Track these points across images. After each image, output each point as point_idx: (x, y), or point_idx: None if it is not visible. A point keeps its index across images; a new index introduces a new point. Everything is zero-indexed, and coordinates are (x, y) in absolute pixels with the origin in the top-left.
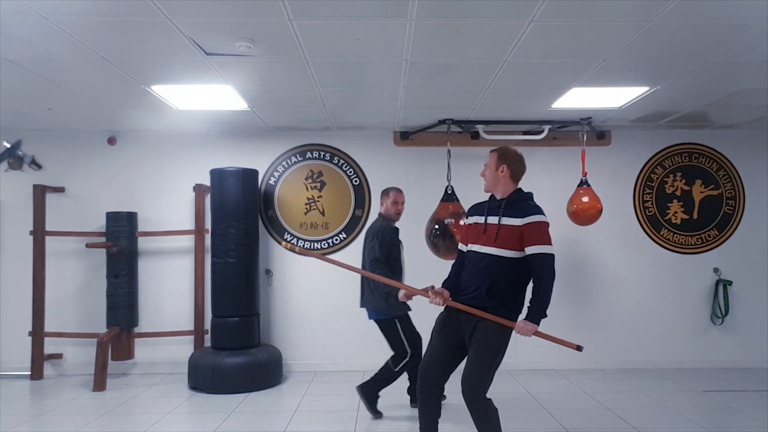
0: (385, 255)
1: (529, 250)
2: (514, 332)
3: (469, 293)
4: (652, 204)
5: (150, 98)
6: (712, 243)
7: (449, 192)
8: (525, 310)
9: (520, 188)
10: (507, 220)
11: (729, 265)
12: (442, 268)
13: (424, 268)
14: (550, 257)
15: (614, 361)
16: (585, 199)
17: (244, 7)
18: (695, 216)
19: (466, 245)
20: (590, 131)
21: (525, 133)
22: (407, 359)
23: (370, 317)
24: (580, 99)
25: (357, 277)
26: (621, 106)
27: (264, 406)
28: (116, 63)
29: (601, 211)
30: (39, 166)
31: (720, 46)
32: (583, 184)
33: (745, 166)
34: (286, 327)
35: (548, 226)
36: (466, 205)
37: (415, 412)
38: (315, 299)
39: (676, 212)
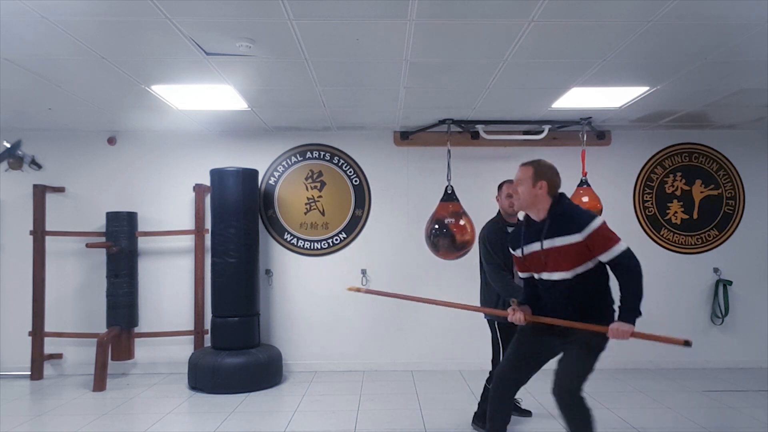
0: (501, 259)
1: (604, 257)
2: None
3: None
4: (652, 204)
5: (150, 98)
6: (712, 243)
7: (449, 192)
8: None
9: (560, 198)
10: (561, 240)
11: (729, 265)
12: (443, 267)
13: (424, 268)
14: (626, 252)
15: (614, 361)
16: (585, 199)
17: (244, 7)
18: (695, 216)
19: (525, 273)
20: (590, 131)
21: (525, 133)
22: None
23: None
24: (580, 99)
25: (358, 279)
26: (621, 106)
27: (264, 406)
28: (116, 63)
29: (601, 211)
30: (39, 166)
31: (720, 46)
32: (583, 184)
33: (745, 166)
34: (286, 327)
35: (606, 223)
36: (465, 205)
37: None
38: (315, 299)
39: (676, 212)
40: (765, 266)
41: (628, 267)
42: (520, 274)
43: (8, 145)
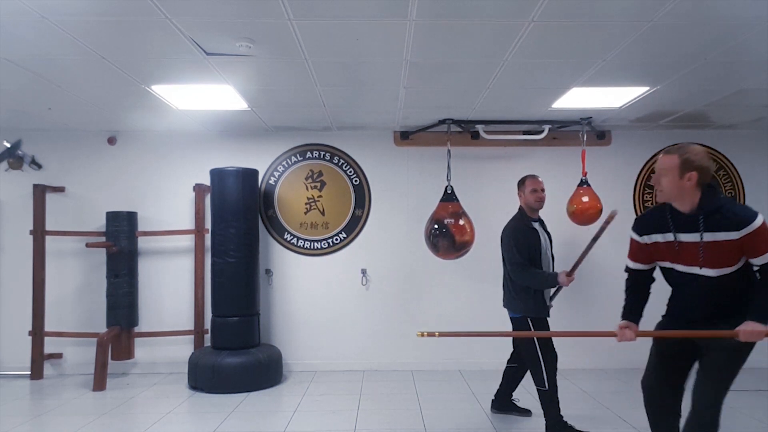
0: (526, 257)
1: (758, 261)
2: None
3: (694, 319)
4: (652, 204)
5: (150, 98)
6: None
7: (449, 192)
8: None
9: (713, 192)
10: (716, 236)
11: None
12: (443, 268)
13: (424, 268)
14: None
15: (614, 361)
16: (585, 198)
17: (244, 7)
18: None
19: (650, 262)
20: (590, 131)
21: (525, 133)
22: (545, 367)
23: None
24: (580, 99)
25: (358, 278)
26: (621, 106)
27: (264, 406)
28: (116, 63)
29: (601, 210)
30: (39, 166)
31: (720, 46)
32: (583, 184)
33: (745, 166)
34: (286, 327)
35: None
36: (465, 205)
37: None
38: (315, 299)
39: None
40: None
41: None
42: (635, 266)
43: (8, 145)
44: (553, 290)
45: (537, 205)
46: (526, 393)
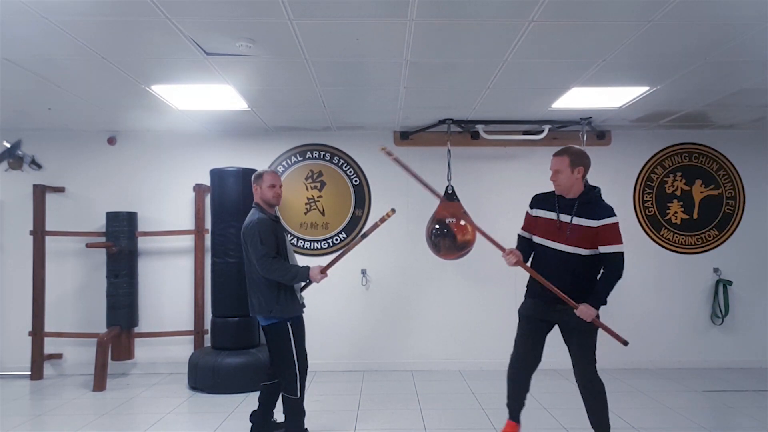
0: (274, 250)
1: (604, 249)
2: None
3: (549, 299)
4: (652, 204)
5: (150, 98)
6: (712, 243)
7: (449, 192)
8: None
9: (590, 186)
10: (581, 221)
11: (729, 265)
12: (443, 267)
13: (424, 268)
14: (622, 255)
15: (614, 361)
16: None
17: (244, 7)
18: (695, 216)
19: (531, 235)
20: (590, 131)
21: (525, 133)
22: (299, 375)
23: (261, 323)
24: (580, 99)
25: (358, 278)
26: (621, 106)
27: None
28: (116, 63)
29: None
30: (39, 166)
31: (720, 46)
32: None
33: (745, 166)
34: None
35: (619, 225)
36: (466, 205)
37: None
38: (315, 299)
39: (676, 212)
40: (765, 266)
41: (618, 267)
42: (523, 233)
43: (8, 145)
44: (302, 284)
45: (275, 201)
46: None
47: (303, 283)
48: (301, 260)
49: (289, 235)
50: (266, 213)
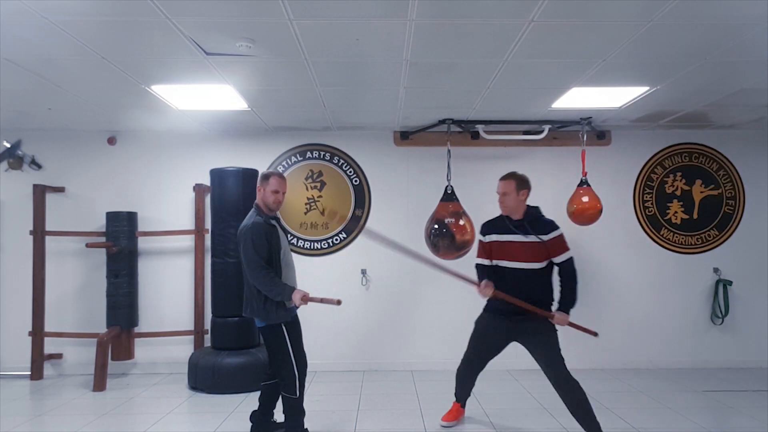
0: (265, 257)
1: (558, 259)
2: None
3: (507, 311)
4: (652, 204)
5: (150, 98)
6: (712, 243)
7: (449, 192)
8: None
9: (530, 207)
10: (533, 238)
11: (729, 265)
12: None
13: (424, 268)
14: (572, 260)
15: (614, 361)
16: (585, 199)
17: (244, 7)
18: (695, 216)
19: (491, 261)
20: (590, 131)
21: (525, 133)
22: (298, 374)
23: (257, 324)
24: (580, 99)
25: (358, 279)
26: (621, 106)
27: None
28: (116, 63)
29: (601, 211)
30: (39, 166)
31: (720, 46)
32: (583, 184)
33: (745, 166)
34: None
35: (563, 234)
36: (466, 205)
37: None
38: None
39: (676, 212)
40: (765, 266)
41: (573, 271)
42: (483, 262)
43: (8, 145)
44: None
45: (274, 207)
46: (526, 393)
47: None
48: (301, 260)
49: (289, 235)
50: (264, 215)
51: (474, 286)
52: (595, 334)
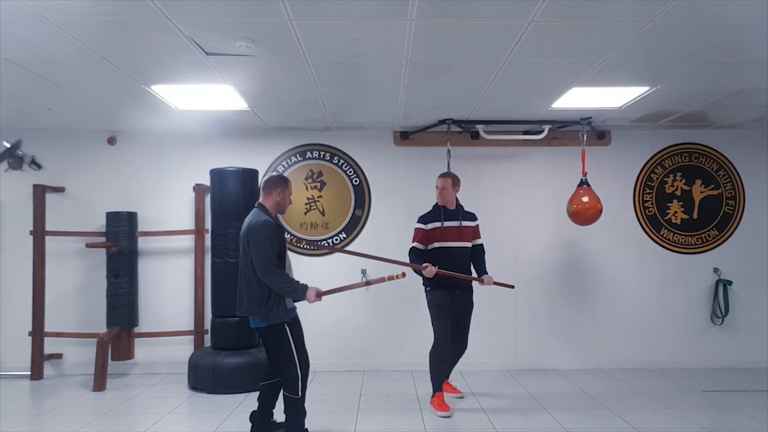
0: (277, 256)
1: (477, 241)
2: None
3: (452, 284)
4: (652, 204)
5: (150, 98)
6: (712, 243)
7: None
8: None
9: (457, 199)
10: (467, 223)
11: (729, 265)
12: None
13: None
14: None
15: (614, 361)
16: (585, 199)
17: (244, 7)
18: (695, 216)
19: (428, 245)
20: (590, 131)
21: (525, 133)
22: (300, 375)
23: (256, 325)
24: (580, 99)
25: (358, 279)
26: (621, 106)
27: None
28: (116, 63)
29: (601, 211)
30: (39, 166)
31: (720, 46)
32: (583, 184)
33: (745, 166)
34: None
35: None
36: (466, 205)
37: None
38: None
39: (676, 212)
40: (765, 266)
41: (483, 250)
42: (419, 246)
43: (8, 145)
44: None
45: (284, 211)
46: (519, 386)
47: None
48: (301, 260)
49: (289, 235)
50: (271, 217)
51: (420, 269)
52: (511, 287)
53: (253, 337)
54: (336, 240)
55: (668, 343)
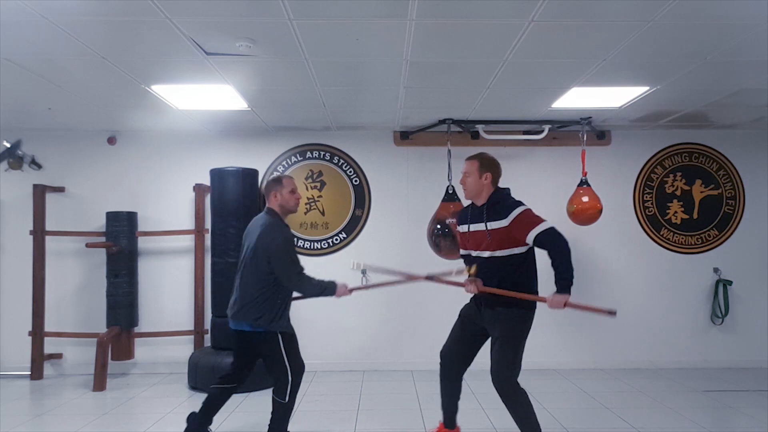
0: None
1: (529, 237)
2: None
3: (480, 300)
4: (652, 204)
5: (150, 98)
6: (712, 243)
7: (450, 192)
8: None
9: (499, 190)
10: (493, 224)
11: (729, 265)
12: (442, 267)
13: (425, 269)
14: (551, 230)
15: (614, 361)
16: (585, 199)
17: (244, 7)
18: (695, 216)
19: (466, 250)
20: (590, 131)
21: (525, 133)
22: (291, 380)
23: (244, 329)
24: (580, 99)
25: (358, 279)
26: (621, 106)
27: (264, 406)
28: (116, 63)
29: (601, 210)
30: (39, 166)
31: (720, 46)
32: (583, 184)
33: (745, 166)
34: None
35: (531, 210)
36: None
37: None
38: (315, 299)
39: (676, 212)
40: (765, 266)
41: (555, 242)
42: (462, 252)
43: (8, 145)
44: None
45: (295, 208)
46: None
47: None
48: (302, 260)
49: None
50: (281, 219)
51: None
52: (612, 313)
53: None
54: (336, 240)
55: (668, 343)
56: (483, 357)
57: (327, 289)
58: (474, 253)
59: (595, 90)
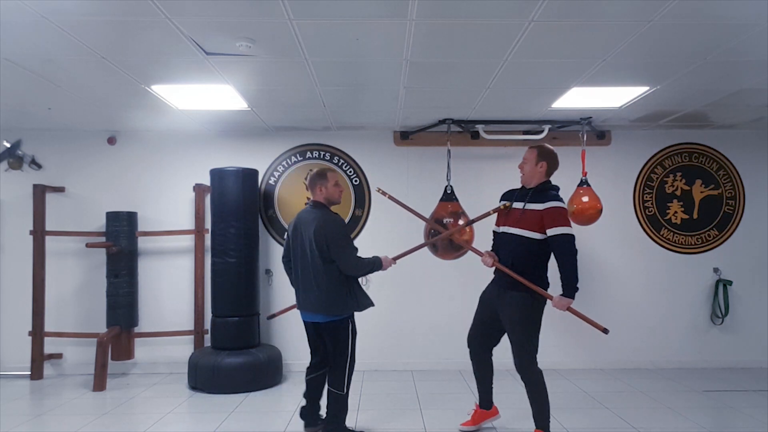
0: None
1: (550, 231)
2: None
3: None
4: (652, 204)
5: (150, 98)
6: (712, 243)
7: (449, 192)
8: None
9: (548, 180)
10: (531, 206)
11: (729, 265)
12: (442, 267)
13: (424, 268)
14: (570, 237)
15: (614, 361)
16: (585, 199)
17: (244, 7)
18: (695, 216)
19: (498, 228)
20: (590, 131)
21: (525, 133)
22: (349, 370)
23: (318, 320)
24: (580, 99)
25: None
26: (621, 106)
27: (264, 406)
28: (116, 63)
29: (601, 211)
30: (39, 166)
31: (720, 46)
32: (583, 184)
33: (745, 166)
34: (286, 327)
35: (567, 211)
36: (465, 205)
37: None
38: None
39: (676, 212)
40: (765, 266)
41: (567, 249)
42: (494, 228)
43: (8, 145)
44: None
45: (339, 200)
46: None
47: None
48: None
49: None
50: (328, 209)
51: (479, 254)
52: (605, 331)
53: (253, 336)
54: None
55: (668, 343)
56: (497, 357)
57: (376, 264)
58: (501, 229)
59: (595, 90)
